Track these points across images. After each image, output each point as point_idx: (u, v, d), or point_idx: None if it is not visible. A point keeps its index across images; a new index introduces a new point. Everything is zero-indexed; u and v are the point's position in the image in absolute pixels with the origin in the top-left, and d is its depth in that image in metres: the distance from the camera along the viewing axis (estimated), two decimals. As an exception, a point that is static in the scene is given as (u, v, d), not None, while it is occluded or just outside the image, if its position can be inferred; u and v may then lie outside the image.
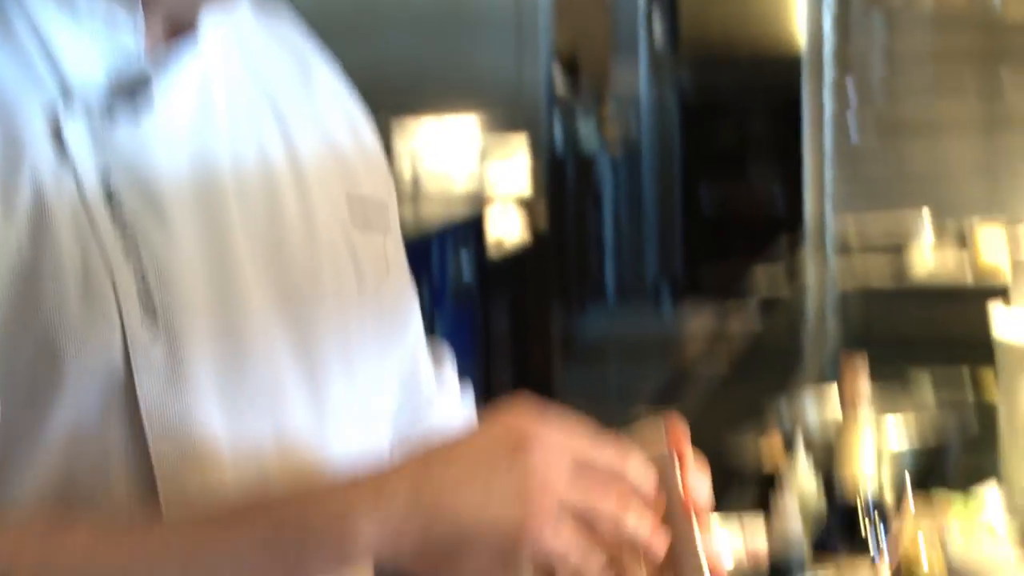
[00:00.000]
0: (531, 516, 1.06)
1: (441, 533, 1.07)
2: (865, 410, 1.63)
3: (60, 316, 1.10)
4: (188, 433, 1.15)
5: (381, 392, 1.32)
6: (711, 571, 1.13)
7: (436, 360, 1.48)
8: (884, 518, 1.65)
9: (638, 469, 1.11)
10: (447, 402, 1.49)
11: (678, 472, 1.15)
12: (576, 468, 1.08)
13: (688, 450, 1.16)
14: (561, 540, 1.07)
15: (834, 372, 3.16)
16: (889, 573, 1.55)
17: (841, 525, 1.65)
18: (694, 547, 1.14)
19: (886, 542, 1.61)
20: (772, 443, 2.42)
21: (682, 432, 1.17)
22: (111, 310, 1.11)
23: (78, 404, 1.11)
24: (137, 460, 1.14)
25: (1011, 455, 2.27)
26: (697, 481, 1.15)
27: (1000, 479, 2.22)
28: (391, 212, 1.36)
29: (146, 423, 1.13)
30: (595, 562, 1.08)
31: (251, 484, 1.18)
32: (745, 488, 2.34)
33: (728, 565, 1.17)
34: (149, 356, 1.13)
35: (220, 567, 1.08)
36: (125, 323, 1.11)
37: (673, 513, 1.14)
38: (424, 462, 1.09)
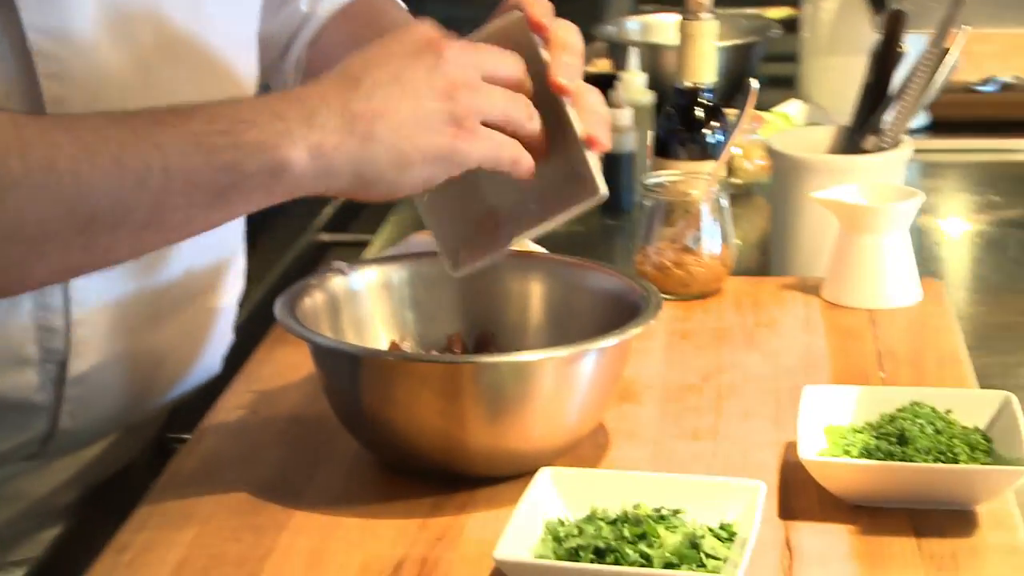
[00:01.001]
0: (459, 134, 0.99)
1: (373, 163, 0.98)
2: (708, 18, 1.53)
3: None
4: (61, 8, 1.04)
5: None
6: (587, 142, 1.04)
7: None
8: (721, 121, 1.58)
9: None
10: None
11: (539, 41, 1.05)
12: (484, 76, 1.01)
13: (550, 22, 1.06)
14: (486, 146, 1.00)
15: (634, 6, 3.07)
16: (724, 170, 1.49)
17: (681, 127, 1.57)
18: (566, 116, 1.04)
19: (723, 140, 1.54)
20: (600, 59, 2.34)
21: (541, 6, 1.07)
22: None
23: None
24: (10, 37, 1.03)
25: (811, 68, 2.24)
26: (564, 51, 1.06)
27: (800, 96, 2.21)
28: None
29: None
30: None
31: (128, 65, 1.08)
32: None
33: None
34: None
35: (152, 159, 0.95)
36: None
37: (537, 82, 1.04)
38: (348, 85, 0.99)
